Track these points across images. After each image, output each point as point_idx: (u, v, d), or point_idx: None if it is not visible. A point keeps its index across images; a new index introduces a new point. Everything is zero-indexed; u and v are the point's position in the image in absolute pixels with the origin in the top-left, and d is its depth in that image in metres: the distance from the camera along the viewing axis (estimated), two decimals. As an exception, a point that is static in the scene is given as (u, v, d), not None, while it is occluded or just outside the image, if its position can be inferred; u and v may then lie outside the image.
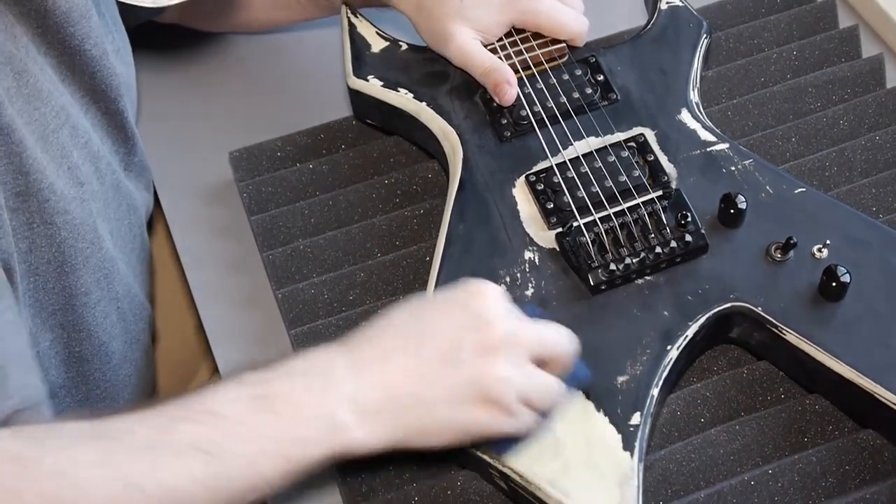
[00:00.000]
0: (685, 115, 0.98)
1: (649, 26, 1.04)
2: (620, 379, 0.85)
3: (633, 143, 0.96)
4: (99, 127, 0.97)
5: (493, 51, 1.00)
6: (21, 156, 0.83)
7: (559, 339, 0.82)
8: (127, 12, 1.11)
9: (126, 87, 1.00)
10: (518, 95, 0.98)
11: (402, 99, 1.01)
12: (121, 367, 1.04)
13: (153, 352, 1.17)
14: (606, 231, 0.91)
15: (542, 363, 0.81)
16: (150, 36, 1.22)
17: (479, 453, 0.83)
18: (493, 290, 0.81)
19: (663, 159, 0.95)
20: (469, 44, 1.00)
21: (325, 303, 0.99)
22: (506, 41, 1.01)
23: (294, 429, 0.74)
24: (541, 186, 0.94)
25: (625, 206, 0.92)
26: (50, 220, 0.87)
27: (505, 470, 0.83)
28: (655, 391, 0.85)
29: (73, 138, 0.91)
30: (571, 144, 0.96)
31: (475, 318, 0.78)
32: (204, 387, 0.76)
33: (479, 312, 0.79)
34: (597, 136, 0.97)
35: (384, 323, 0.79)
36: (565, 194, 0.93)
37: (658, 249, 0.89)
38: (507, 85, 0.98)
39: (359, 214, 1.05)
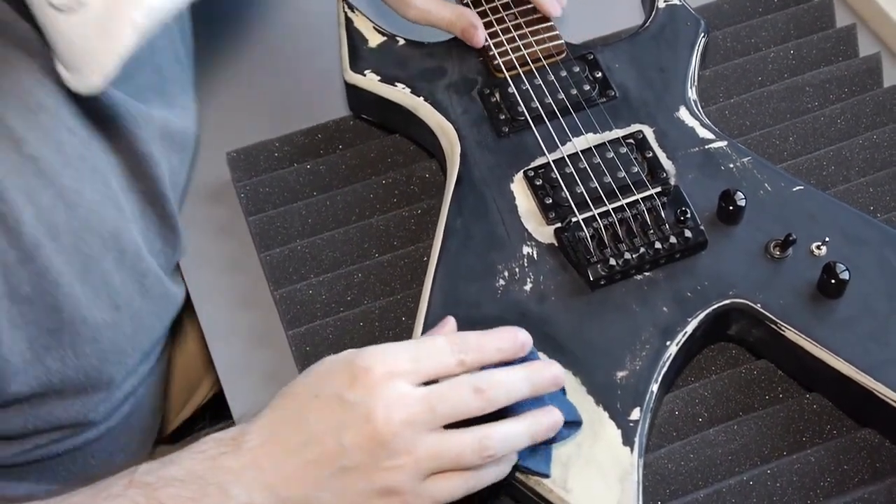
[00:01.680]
0: (683, 113, 0.98)
1: (647, 24, 1.04)
2: (620, 374, 0.85)
3: (631, 140, 0.96)
4: (151, 231, 0.94)
5: (491, 48, 1.00)
6: (55, 294, 0.81)
7: (456, 401, 0.75)
8: None
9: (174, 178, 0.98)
10: (514, 91, 0.98)
11: (400, 94, 1.01)
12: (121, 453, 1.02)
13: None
14: (605, 227, 0.91)
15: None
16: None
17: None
18: (377, 369, 0.74)
19: (662, 156, 0.95)
20: (427, 2, 1.01)
21: (322, 303, 0.99)
22: (503, 37, 1.01)
23: None
24: (539, 182, 0.94)
25: (624, 201, 0.92)
26: (81, 352, 0.86)
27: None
28: (655, 387, 0.85)
29: (120, 262, 0.88)
30: (570, 140, 0.96)
31: (357, 415, 0.73)
32: (98, 480, 0.74)
33: (360, 407, 0.73)
34: (595, 132, 0.97)
35: (277, 416, 0.76)
36: (564, 190, 0.93)
37: (657, 245, 0.89)
38: (472, 28, 0.99)
39: (356, 214, 1.04)
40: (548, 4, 1.02)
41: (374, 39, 1.04)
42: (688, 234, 0.90)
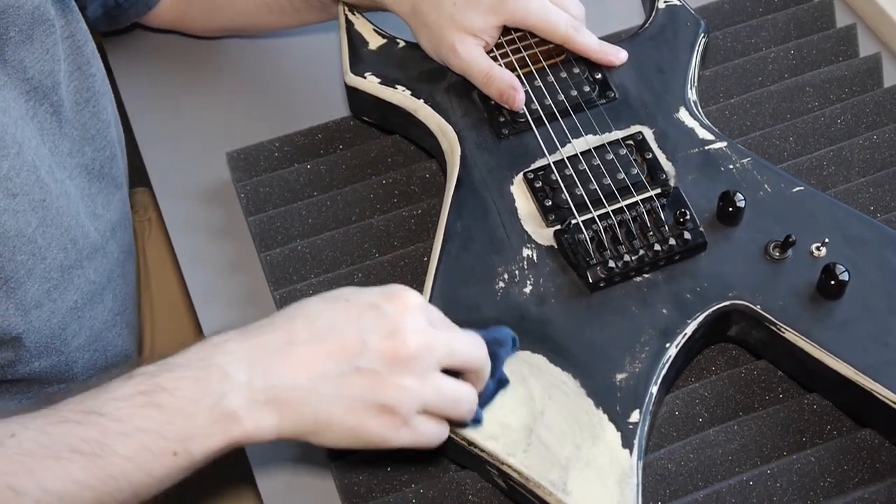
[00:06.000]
0: (683, 114, 0.98)
1: (647, 25, 1.04)
2: (619, 376, 0.85)
3: (631, 141, 0.96)
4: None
5: (492, 49, 1.00)
6: None
7: (471, 348, 0.79)
8: (117, 12, 1.12)
9: None
10: (515, 93, 0.98)
11: (400, 96, 1.01)
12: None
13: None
14: (605, 228, 0.91)
15: (455, 371, 0.79)
16: (148, 37, 1.22)
17: (476, 450, 0.83)
18: (413, 297, 0.77)
19: (661, 157, 0.95)
20: (468, 52, 0.99)
21: (322, 303, 0.99)
22: (503, 39, 1.01)
23: (178, 422, 0.71)
24: (539, 184, 0.94)
25: (623, 203, 0.92)
26: None
27: (504, 468, 0.82)
28: (654, 389, 0.85)
29: None
30: (570, 142, 0.96)
31: (387, 325, 0.75)
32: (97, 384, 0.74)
33: (392, 319, 0.75)
34: (595, 133, 0.97)
35: (294, 311, 0.76)
36: (563, 192, 0.93)
37: (657, 247, 0.89)
38: (512, 90, 0.97)
39: (356, 215, 1.04)
40: (571, 43, 1.01)
41: (375, 42, 1.04)
42: (687, 235, 0.90)
